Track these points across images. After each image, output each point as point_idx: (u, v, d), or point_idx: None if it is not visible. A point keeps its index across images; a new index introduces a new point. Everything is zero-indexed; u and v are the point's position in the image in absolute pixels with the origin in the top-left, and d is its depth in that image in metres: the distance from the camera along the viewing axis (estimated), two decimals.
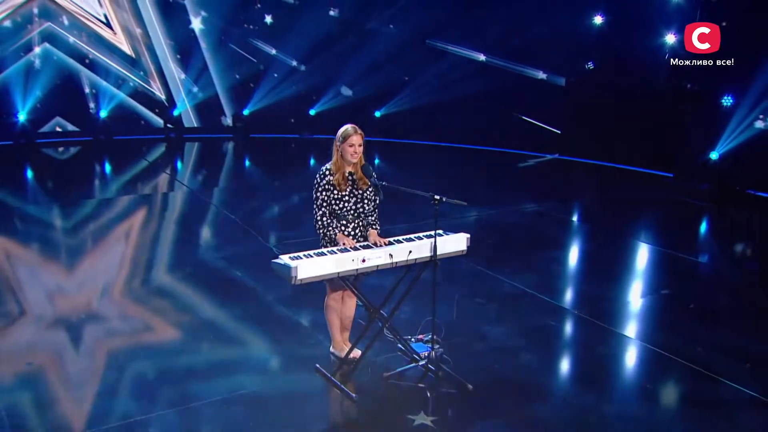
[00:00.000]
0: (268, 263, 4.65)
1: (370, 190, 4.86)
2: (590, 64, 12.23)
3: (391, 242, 4.77)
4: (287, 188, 10.27)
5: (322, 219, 4.80)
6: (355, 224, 4.86)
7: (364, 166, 4.78)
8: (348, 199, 4.79)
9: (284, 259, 4.43)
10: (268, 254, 6.78)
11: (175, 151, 13.52)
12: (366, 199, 4.85)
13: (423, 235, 4.88)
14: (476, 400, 4.63)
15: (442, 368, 4.89)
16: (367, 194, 4.85)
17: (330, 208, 4.79)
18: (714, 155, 10.04)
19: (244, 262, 7.20)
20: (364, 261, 4.57)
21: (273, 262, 4.51)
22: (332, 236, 4.78)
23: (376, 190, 4.84)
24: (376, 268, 4.65)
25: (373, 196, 4.88)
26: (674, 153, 10.72)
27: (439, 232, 4.84)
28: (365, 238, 4.86)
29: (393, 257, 4.66)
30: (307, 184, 5.03)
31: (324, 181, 4.77)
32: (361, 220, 4.88)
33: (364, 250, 4.61)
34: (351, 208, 4.81)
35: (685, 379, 5.03)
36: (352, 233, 4.84)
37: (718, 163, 10.03)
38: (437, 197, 4.61)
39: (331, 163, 4.79)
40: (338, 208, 4.79)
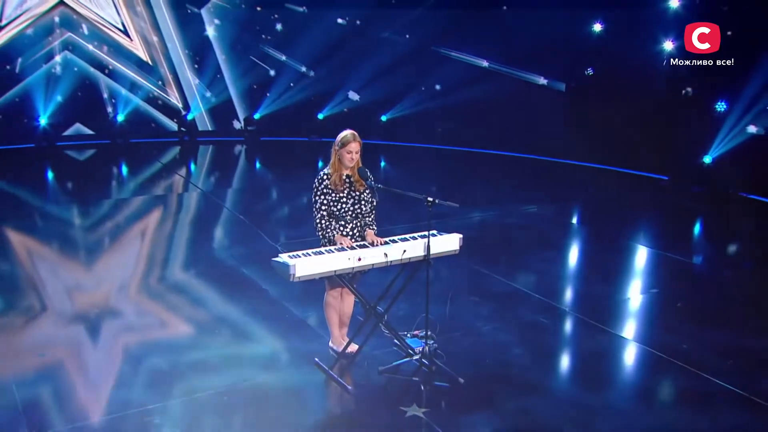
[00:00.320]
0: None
1: (367, 192, 4.95)
2: (590, 70, 12.26)
3: (386, 242, 4.87)
4: (294, 189, 10.40)
5: (321, 221, 4.90)
6: (354, 225, 4.96)
7: (361, 169, 4.87)
8: (346, 200, 4.89)
9: (283, 257, 4.54)
10: (274, 253, 6.87)
11: (189, 154, 13.68)
12: (363, 200, 4.95)
13: (417, 235, 4.97)
14: (467, 393, 4.71)
15: (436, 363, 4.97)
16: (364, 196, 4.95)
17: (329, 209, 4.88)
18: (707, 159, 10.06)
19: (252, 260, 7.31)
20: (359, 260, 4.67)
21: (273, 261, 4.62)
22: (331, 237, 4.88)
23: (372, 192, 4.94)
24: (372, 266, 4.76)
25: (369, 198, 4.98)
26: (670, 156, 10.73)
27: (433, 233, 4.93)
28: (363, 238, 4.96)
29: (388, 256, 4.75)
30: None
31: (322, 185, 4.87)
32: (359, 220, 4.98)
33: (360, 250, 4.71)
34: (349, 209, 4.91)
35: (669, 373, 5.08)
36: (350, 233, 4.94)
37: (712, 166, 10.04)
38: (430, 199, 4.69)
39: (329, 167, 4.89)
40: (336, 210, 4.88)
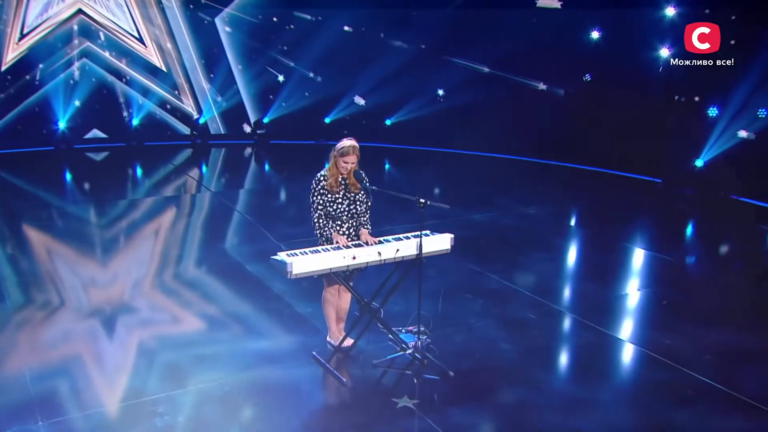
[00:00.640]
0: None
1: (362, 193, 5.05)
2: (588, 76, 12.30)
3: (380, 241, 4.97)
4: (301, 190, 10.48)
5: (318, 221, 5.00)
6: (349, 224, 5.06)
7: (356, 172, 4.96)
8: (341, 201, 4.99)
9: (281, 255, 4.64)
10: (278, 252, 6.99)
11: (200, 157, 13.83)
12: (358, 201, 5.05)
13: (411, 235, 5.06)
14: (456, 386, 4.80)
15: (428, 357, 5.06)
16: (359, 197, 5.05)
17: (325, 210, 4.99)
18: (699, 162, 10.09)
19: (257, 258, 7.42)
20: (354, 258, 4.77)
21: (271, 259, 4.73)
22: (328, 236, 4.98)
23: (367, 194, 5.04)
24: (366, 265, 4.86)
25: (364, 199, 5.08)
26: (663, 160, 10.76)
27: (426, 233, 5.02)
28: (358, 237, 5.06)
29: (381, 255, 4.85)
30: None
31: (319, 186, 4.97)
32: (355, 220, 5.08)
33: (355, 249, 4.81)
34: (344, 210, 5.01)
35: (651, 368, 5.16)
36: (346, 233, 5.04)
37: (704, 169, 10.07)
38: (422, 200, 4.78)
39: (326, 170, 4.99)
40: (333, 210, 4.99)
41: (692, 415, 4.53)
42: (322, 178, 4.98)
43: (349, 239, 5.00)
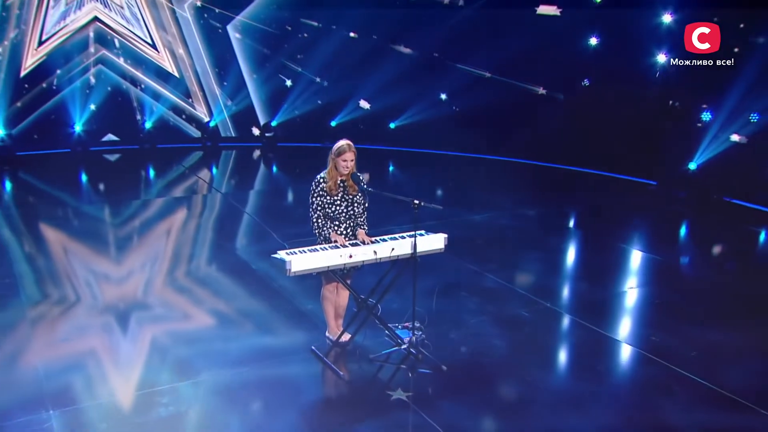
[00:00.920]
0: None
1: (359, 195, 5.14)
2: (586, 82, 12.33)
3: (376, 241, 5.05)
4: (306, 192, 10.59)
5: (317, 221, 5.10)
6: (347, 225, 5.14)
7: (354, 175, 5.05)
8: (339, 203, 5.08)
9: (281, 254, 4.74)
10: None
11: (210, 159, 13.95)
12: (355, 203, 5.13)
13: (406, 234, 5.14)
14: (448, 379, 4.88)
15: (422, 352, 5.14)
16: (356, 199, 5.13)
17: (324, 211, 5.08)
18: (692, 165, 10.10)
19: (262, 257, 7.51)
20: (350, 257, 4.85)
21: (272, 257, 4.82)
22: (327, 235, 5.07)
23: (364, 196, 5.13)
24: (362, 263, 4.94)
25: (361, 201, 5.16)
26: (658, 163, 10.77)
27: (421, 233, 5.10)
28: (355, 237, 5.14)
29: (377, 254, 4.94)
30: None
31: (319, 188, 5.07)
32: (352, 221, 5.16)
33: (352, 248, 4.90)
34: (342, 211, 5.10)
35: (638, 363, 5.22)
36: (343, 233, 5.12)
37: (697, 172, 10.09)
38: (416, 202, 4.86)
39: (326, 172, 5.07)
40: (331, 211, 5.08)
41: (676, 410, 4.57)
42: (322, 181, 5.07)
43: (347, 239, 5.09)
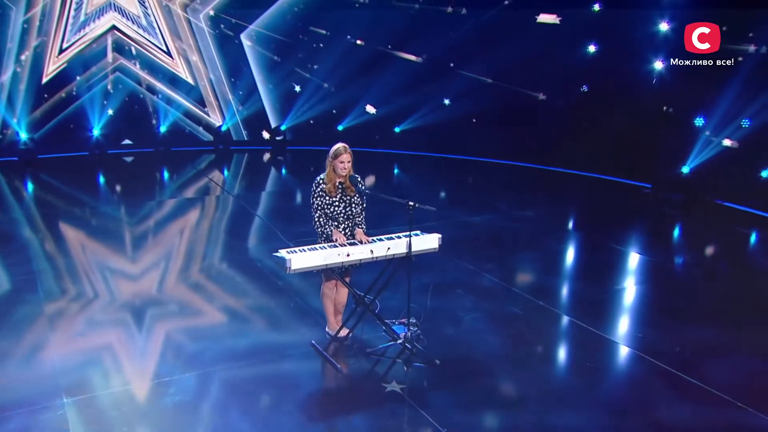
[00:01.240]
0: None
1: (357, 196, 5.24)
2: (585, 87, 12.36)
3: (373, 240, 5.15)
4: (310, 193, 10.71)
5: (318, 220, 5.21)
6: (345, 225, 5.24)
7: (352, 177, 5.16)
8: (338, 204, 5.19)
9: (281, 252, 4.85)
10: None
11: (222, 161, 14.12)
12: (353, 204, 5.23)
13: (402, 234, 5.24)
14: (441, 373, 4.96)
15: (417, 346, 5.23)
16: (354, 200, 5.23)
17: (323, 211, 5.19)
18: (685, 169, 10.12)
19: (268, 256, 7.60)
20: (348, 255, 4.96)
21: (273, 255, 4.93)
22: (328, 233, 5.18)
23: (361, 197, 5.23)
24: (360, 262, 5.04)
25: (359, 201, 5.27)
26: (652, 166, 10.79)
27: (416, 233, 5.20)
28: (353, 237, 5.24)
29: (374, 253, 5.03)
30: None
31: (318, 189, 5.18)
32: (350, 221, 5.26)
33: (349, 247, 5.00)
34: (341, 211, 5.20)
35: (626, 360, 5.27)
36: (342, 232, 5.23)
37: (690, 176, 10.11)
38: (411, 203, 4.95)
39: (325, 175, 5.18)
40: (330, 212, 5.18)
41: (666, 408, 4.61)
42: (321, 182, 5.18)
43: (345, 238, 5.19)
